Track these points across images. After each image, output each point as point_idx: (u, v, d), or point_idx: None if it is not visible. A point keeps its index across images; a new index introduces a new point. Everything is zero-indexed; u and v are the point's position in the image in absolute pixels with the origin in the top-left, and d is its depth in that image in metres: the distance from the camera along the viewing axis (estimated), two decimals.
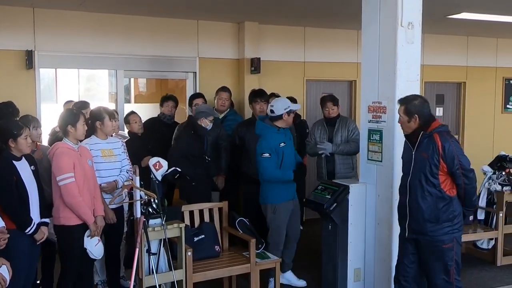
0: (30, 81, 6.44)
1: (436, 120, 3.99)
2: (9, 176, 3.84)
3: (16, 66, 6.35)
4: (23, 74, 6.40)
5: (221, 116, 6.27)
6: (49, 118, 6.52)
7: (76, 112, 4.37)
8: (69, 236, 4.17)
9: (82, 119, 4.26)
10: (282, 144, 4.97)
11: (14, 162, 3.89)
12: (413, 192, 3.96)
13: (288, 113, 4.99)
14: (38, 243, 4.01)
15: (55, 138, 5.05)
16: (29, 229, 3.88)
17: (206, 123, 5.40)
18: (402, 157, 4.16)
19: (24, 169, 3.95)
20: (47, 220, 4.11)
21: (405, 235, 4.05)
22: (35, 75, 6.46)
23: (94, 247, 4.19)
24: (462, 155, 3.87)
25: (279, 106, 5.00)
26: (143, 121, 5.91)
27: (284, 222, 5.10)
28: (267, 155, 4.92)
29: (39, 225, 4.00)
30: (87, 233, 4.18)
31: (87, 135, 4.58)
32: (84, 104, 5.62)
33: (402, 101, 4.00)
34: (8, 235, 3.58)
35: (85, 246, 4.17)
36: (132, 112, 5.88)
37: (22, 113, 5.14)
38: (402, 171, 4.11)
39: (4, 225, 3.63)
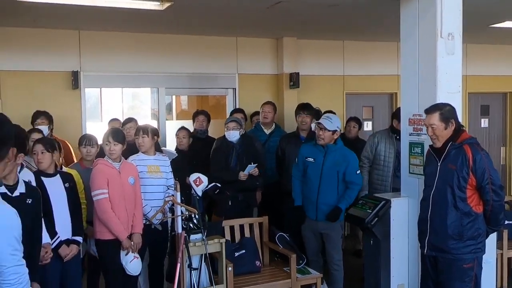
0: (76, 100, 6.66)
1: (465, 131, 3.85)
2: None
3: (63, 87, 6.58)
4: (70, 94, 6.62)
5: (267, 132, 6.30)
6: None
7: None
8: (105, 250, 4.27)
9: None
10: (309, 159, 4.91)
11: (42, 177, 3.91)
12: (436, 206, 3.77)
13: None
14: (65, 260, 3.95)
15: (98, 154, 5.16)
16: (51, 241, 3.83)
17: (228, 129, 5.42)
18: (424, 169, 4.05)
19: (54, 185, 3.96)
20: (78, 238, 4.09)
21: (424, 252, 3.89)
22: (81, 94, 6.68)
23: (129, 263, 4.23)
24: (493, 170, 3.67)
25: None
26: None
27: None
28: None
29: (67, 242, 3.97)
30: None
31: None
32: (127, 120, 5.77)
33: (434, 109, 3.79)
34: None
35: (121, 261, 4.24)
36: (182, 128, 5.97)
37: (69, 131, 5.28)
38: (425, 184, 3.97)
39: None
